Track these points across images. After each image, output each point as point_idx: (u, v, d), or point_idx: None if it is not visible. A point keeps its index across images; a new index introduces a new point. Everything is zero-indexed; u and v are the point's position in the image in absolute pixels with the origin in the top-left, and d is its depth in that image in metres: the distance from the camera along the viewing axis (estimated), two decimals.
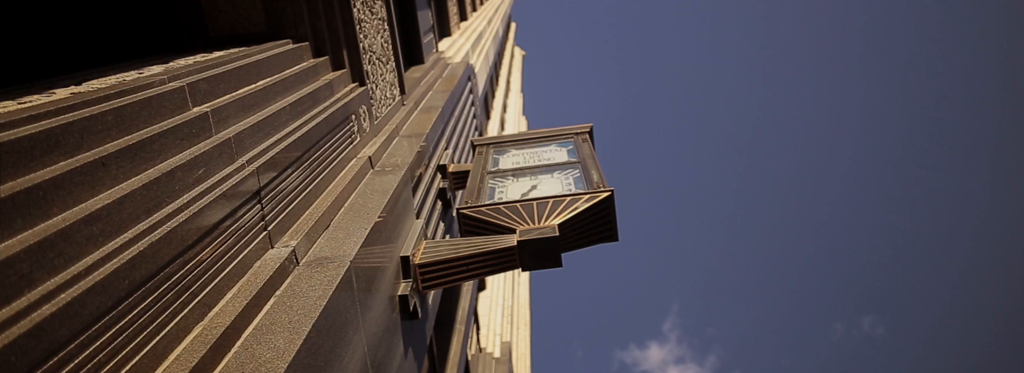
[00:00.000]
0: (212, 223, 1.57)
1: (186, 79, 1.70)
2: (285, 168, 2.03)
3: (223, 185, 1.66)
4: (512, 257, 2.82)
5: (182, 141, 1.59)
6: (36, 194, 1.15)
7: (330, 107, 2.57)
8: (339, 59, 2.95)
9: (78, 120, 1.31)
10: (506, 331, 7.01)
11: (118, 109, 1.43)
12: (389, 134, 3.28)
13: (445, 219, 3.68)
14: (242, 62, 2.03)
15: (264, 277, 1.67)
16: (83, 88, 1.49)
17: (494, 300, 7.47)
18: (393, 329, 2.29)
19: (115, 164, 1.36)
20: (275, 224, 1.90)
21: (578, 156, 3.92)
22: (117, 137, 1.40)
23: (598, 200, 3.13)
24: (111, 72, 1.70)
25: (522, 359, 7.66)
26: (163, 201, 1.44)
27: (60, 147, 1.26)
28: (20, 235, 1.09)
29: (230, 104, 1.85)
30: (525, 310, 9.17)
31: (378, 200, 2.46)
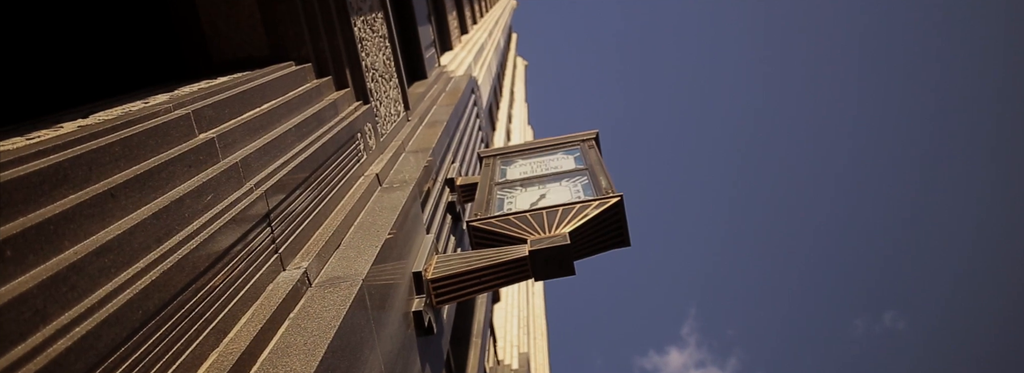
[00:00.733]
0: (223, 248, 1.57)
1: (191, 106, 1.70)
2: (293, 190, 2.03)
3: (232, 210, 1.66)
4: (524, 267, 2.81)
5: (190, 168, 1.60)
6: (47, 229, 1.15)
7: (335, 126, 2.58)
8: (342, 78, 2.96)
9: (86, 153, 1.32)
10: (523, 342, 6.97)
11: (125, 139, 1.44)
12: (395, 150, 3.28)
13: (456, 233, 3.68)
14: (246, 86, 2.04)
15: (277, 300, 1.67)
16: (90, 121, 1.50)
17: (509, 311, 7.44)
18: (409, 346, 2.28)
19: (124, 194, 1.36)
20: (286, 246, 1.90)
21: (585, 163, 3.90)
22: (125, 167, 1.41)
23: (608, 206, 3.11)
24: (117, 103, 1.71)
25: (541, 370, 7.62)
26: (173, 229, 1.45)
27: (69, 180, 1.26)
28: (33, 270, 1.09)
29: (236, 128, 1.86)
30: (541, 320, 9.13)
31: (387, 217, 2.46)
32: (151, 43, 2.34)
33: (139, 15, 2.33)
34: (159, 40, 2.34)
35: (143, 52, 2.35)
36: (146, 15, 2.33)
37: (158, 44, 2.34)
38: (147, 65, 2.34)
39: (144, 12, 2.33)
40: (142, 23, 2.34)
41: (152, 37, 2.34)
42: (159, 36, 2.33)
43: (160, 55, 2.34)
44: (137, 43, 2.35)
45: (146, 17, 2.33)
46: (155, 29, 2.34)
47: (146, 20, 2.33)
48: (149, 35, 2.35)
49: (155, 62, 2.34)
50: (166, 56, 2.33)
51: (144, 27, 2.34)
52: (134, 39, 2.35)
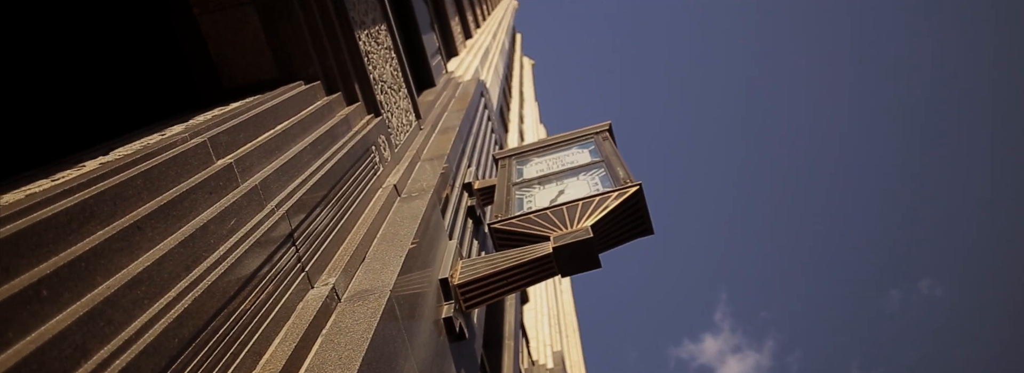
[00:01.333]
0: (251, 271, 1.59)
1: (207, 134, 1.72)
2: (314, 207, 2.05)
3: (256, 232, 1.68)
4: (550, 264, 2.80)
5: (211, 194, 1.62)
6: (79, 266, 1.17)
7: (349, 141, 2.60)
8: (352, 93, 2.98)
9: (109, 188, 1.34)
10: (556, 341, 6.97)
11: (146, 172, 1.46)
12: (411, 160, 3.29)
13: (478, 236, 3.68)
14: (258, 110, 2.06)
15: (308, 318, 1.68)
16: (111, 157, 1.52)
17: (539, 311, 7.43)
18: (442, 353, 2.29)
19: (150, 226, 1.38)
20: (312, 263, 1.91)
21: (601, 155, 3.88)
22: (148, 200, 1.43)
23: (627, 196, 3.09)
24: (135, 137, 1.73)
25: (576, 367, 7.60)
26: (201, 256, 1.47)
27: (96, 217, 1.28)
28: (69, 308, 1.11)
29: (252, 152, 1.88)
30: (571, 317, 9.12)
31: (409, 227, 2.47)
32: (162, 74, 2.38)
33: (149, 48, 2.37)
34: (170, 71, 2.37)
35: (155, 83, 2.38)
36: (155, 48, 2.36)
37: (169, 75, 2.37)
38: (160, 96, 2.37)
39: (153, 45, 2.36)
40: (152, 56, 2.37)
41: (163, 69, 2.37)
42: (170, 67, 2.37)
43: (172, 85, 2.37)
44: (149, 75, 2.38)
45: (155, 50, 2.37)
46: (165, 61, 2.37)
47: (156, 53, 2.37)
48: (160, 67, 2.38)
49: (168, 92, 2.37)
50: (178, 86, 2.36)
51: (154, 60, 2.38)
52: (145, 72, 2.39)
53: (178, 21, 2.25)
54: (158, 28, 2.32)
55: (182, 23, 2.26)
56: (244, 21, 2.40)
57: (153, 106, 2.33)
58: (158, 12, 2.30)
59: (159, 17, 2.30)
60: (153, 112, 2.26)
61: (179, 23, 2.25)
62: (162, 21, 2.30)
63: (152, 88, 2.38)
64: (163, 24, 2.30)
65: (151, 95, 2.38)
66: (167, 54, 2.35)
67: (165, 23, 2.29)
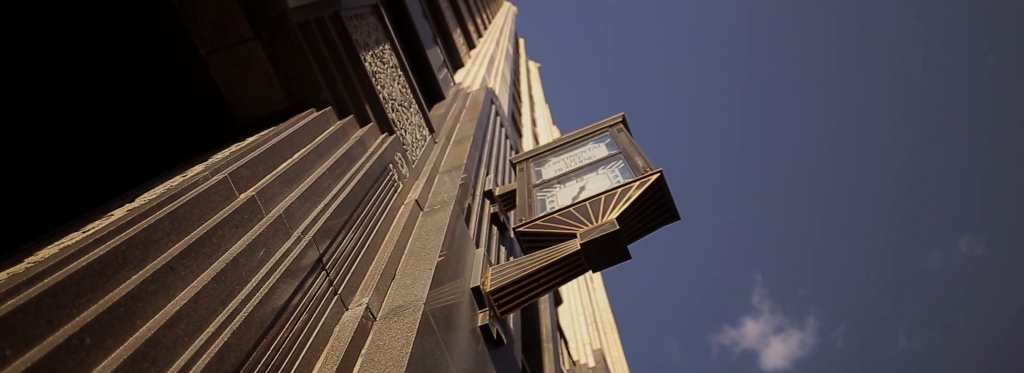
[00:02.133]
0: (285, 299, 1.61)
1: (226, 170, 1.75)
2: (339, 231, 2.07)
3: (285, 261, 1.70)
4: (579, 261, 2.79)
5: (237, 228, 1.64)
6: (118, 311, 1.19)
7: (366, 162, 2.62)
8: (363, 114, 3.00)
9: (138, 233, 1.36)
10: (594, 339, 6.94)
11: (172, 214, 1.48)
12: (429, 174, 3.31)
13: (505, 242, 3.68)
14: (274, 141, 2.08)
15: (346, 340, 1.70)
16: (137, 203, 1.55)
17: (574, 311, 7.41)
18: (483, 361, 2.29)
19: (182, 266, 1.40)
20: (344, 285, 1.93)
21: (617, 147, 3.84)
22: (177, 240, 1.45)
23: (649, 184, 3.07)
24: (158, 181, 1.76)
25: (618, 363, 7.56)
26: (234, 289, 1.48)
27: (129, 262, 1.31)
28: (113, 353, 1.13)
29: (272, 183, 1.90)
30: (607, 313, 9.07)
31: (435, 240, 2.48)
32: (176, 118, 2.42)
33: (160, 94, 2.41)
34: (183, 114, 2.41)
35: (170, 127, 2.42)
36: (166, 93, 2.40)
37: (183, 118, 2.41)
38: (177, 139, 2.41)
39: (164, 91, 2.40)
40: (164, 101, 2.41)
41: (176, 112, 2.41)
42: (183, 110, 2.41)
43: (187, 127, 2.41)
44: (163, 120, 2.42)
45: (167, 95, 2.41)
46: (178, 104, 2.41)
47: (167, 98, 2.41)
48: (173, 111, 2.42)
49: (184, 134, 2.41)
50: (193, 127, 2.40)
51: (167, 105, 2.42)
52: (159, 117, 2.43)
53: (185, 64, 2.29)
54: (166, 73, 2.36)
55: (190, 66, 2.30)
56: (251, 56, 2.43)
57: (171, 149, 2.37)
58: (165, 58, 2.34)
59: (166, 63, 2.34)
60: (172, 155, 2.30)
61: (187, 66, 2.29)
62: (169, 66, 2.34)
63: (168, 132, 2.42)
64: (171, 69, 2.34)
65: (168, 139, 2.42)
66: (178, 98, 2.39)
67: (173, 68, 2.33)
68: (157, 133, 2.41)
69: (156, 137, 2.41)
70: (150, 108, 2.40)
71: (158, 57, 2.34)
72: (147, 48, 2.34)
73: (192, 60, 2.29)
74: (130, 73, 2.39)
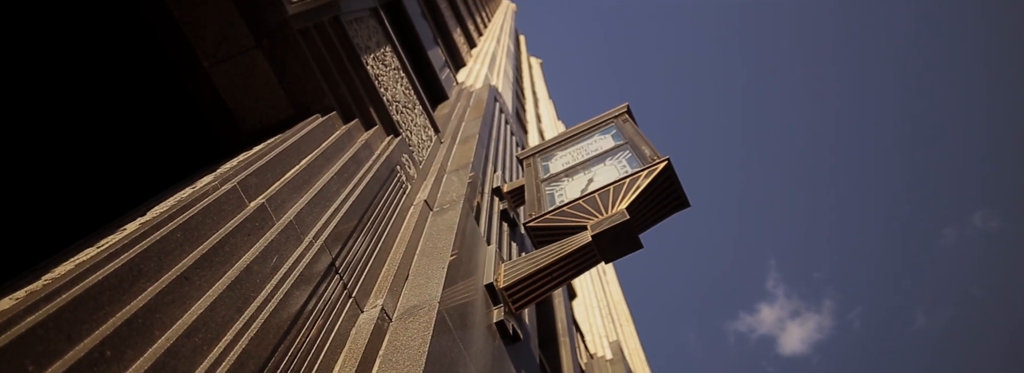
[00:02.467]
0: (300, 304, 1.61)
1: (235, 179, 1.75)
2: (350, 234, 2.07)
3: (299, 266, 1.70)
4: (591, 253, 2.78)
5: (249, 236, 1.64)
6: (136, 323, 1.20)
7: (374, 165, 2.62)
8: (368, 118, 3.00)
9: (152, 245, 1.37)
10: (610, 331, 6.93)
11: (184, 225, 1.49)
12: (437, 174, 3.31)
13: (516, 238, 3.68)
14: (280, 148, 2.09)
15: (363, 342, 1.70)
16: (149, 216, 1.56)
17: (588, 304, 7.40)
18: (500, 357, 2.29)
19: (196, 275, 1.41)
20: (358, 288, 1.93)
21: (623, 137, 3.82)
22: (191, 250, 1.46)
23: (657, 172, 3.05)
24: (169, 194, 1.77)
25: (635, 354, 7.55)
26: (250, 296, 1.49)
27: (144, 274, 1.31)
28: (134, 364, 1.13)
29: (282, 190, 1.91)
30: (622, 305, 9.06)
31: (446, 239, 2.48)
32: (183, 130, 2.43)
33: (165, 108, 2.42)
34: (190, 126, 2.42)
35: (177, 140, 2.43)
36: (172, 107, 2.41)
37: (190, 130, 2.42)
38: (184, 151, 2.42)
39: (169, 104, 2.41)
40: (170, 114, 2.42)
41: (183, 125, 2.42)
42: (189, 122, 2.41)
43: (194, 139, 2.42)
44: (170, 133, 2.43)
45: (172, 108, 2.41)
46: (184, 117, 2.42)
47: (173, 111, 2.42)
48: (179, 124, 2.43)
49: (191, 146, 2.42)
50: (200, 138, 2.41)
51: (173, 118, 2.43)
52: (166, 131, 2.44)
53: (189, 76, 2.30)
54: (171, 86, 2.37)
55: (194, 78, 2.31)
56: (253, 65, 2.44)
57: (180, 161, 2.38)
58: (169, 71, 2.35)
59: (170, 76, 2.35)
60: (181, 166, 2.31)
61: (191, 78, 2.30)
62: (173, 79, 2.35)
63: (175, 144, 2.44)
64: (175, 82, 2.35)
65: (176, 151, 2.43)
66: (184, 109, 2.40)
67: (177, 80, 2.34)
68: (164, 146, 2.42)
69: (164, 150, 2.42)
70: (157, 121, 2.41)
71: (162, 70, 2.35)
72: (151, 62, 2.35)
73: (196, 72, 2.30)
74: (135, 87, 2.40)
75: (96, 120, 2.40)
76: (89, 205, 2.35)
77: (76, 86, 2.37)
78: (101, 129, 2.40)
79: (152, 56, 2.32)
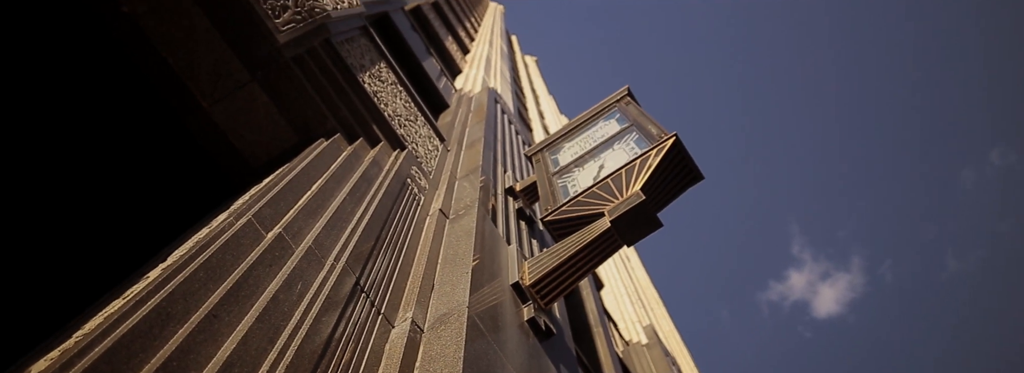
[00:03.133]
0: (331, 327, 1.60)
1: (249, 213, 1.75)
2: (371, 252, 2.06)
3: (324, 290, 1.69)
4: (612, 238, 2.75)
5: (271, 267, 1.64)
6: (171, 366, 1.19)
7: (384, 181, 2.61)
8: (372, 135, 2.99)
9: (177, 288, 1.36)
10: (642, 316, 6.88)
11: (205, 263, 1.48)
12: (448, 182, 3.29)
13: (535, 235, 3.66)
14: (290, 176, 2.08)
15: (399, 356, 1.69)
16: (169, 261, 1.55)
17: (617, 292, 7.36)
18: (536, 354, 2.27)
19: (224, 312, 1.40)
20: (386, 303, 1.92)
21: (628, 120, 3.77)
22: (215, 288, 1.45)
23: (667, 149, 3.01)
24: (186, 237, 1.77)
25: (670, 336, 7.50)
26: (279, 326, 1.48)
27: (173, 317, 1.31)
28: None
29: (297, 217, 1.90)
30: (650, 290, 9.01)
31: (466, 245, 2.47)
32: (192, 171, 2.43)
33: (171, 151, 2.42)
34: (197, 166, 2.42)
35: (188, 181, 2.43)
36: (177, 149, 2.41)
37: (198, 170, 2.42)
38: (197, 191, 2.43)
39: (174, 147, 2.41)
40: (176, 157, 2.42)
41: (190, 165, 2.42)
42: (196, 162, 2.41)
43: (204, 178, 2.42)
44: (180, 176, 2.44)
45: (177, 151, 2.42)
46: (190, 158, 2.42)
47: (178, 153, 2.42)
48: (186, 165, 2.43)
49: (202, 186, 2.42)
50: (210, 176, 2.41)
51: (179, 160, 2.43)
52: (176, 173, 2.44)
53: (191, 118, 2.30)
54: (173, 130, 2.38)
55: (195, 119, 2.31)
56: (251, 99, 2.43)
57: (193, 203, 2.38)
58: (169, 115, 2.35)
59: (171, 119, 2.35)
60: (196, 208, 2.32)
61: (193, 120, 2.30)
62: (174, 122, 2.35)
63: (187, 188, 2.44)
64: (176, 125, 2.35)
65: (188, 194, 2.43)
66: (190, 152, 2.40)
67: (178, 123, 2.34)
68: (176, 190, 2.43)
69: (176, 194, 2.43)
70: (165, 167, 2.42)
71: (163, 116, 2.35)
72: (151, 109, 2.35)
73: (197, 113, 2.30)
74: (140, 136, 2.40)
75: (107, 173, 2.41)
76: (111, 256, 2.36)
77: (83, 143, 2.38)
78: (114, 181, 2.41)
79: (151, 103, 2.33)
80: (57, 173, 2.37)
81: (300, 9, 2.75)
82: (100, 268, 2.31)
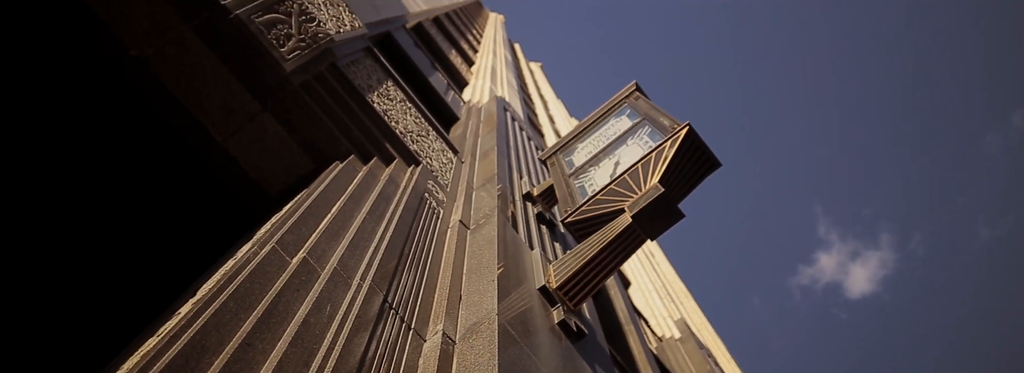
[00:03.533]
0: (363, 346, 1.60)
1: (272, 241, 1.75)
2: (396, 268, 2.06)
3: (353, 309, 1.69)
4: (635, 233, 2.72)
5: (298, 292, 1.64)
6: None
7: (402, 197, 2.61)
8: (386, 153, 3.00)
9: (209, 321, 1.37)
10: (672, 310, 6.81)
11: (233, 294, 1.49)
12: (465, 193, 3.29)
13: (557, 238, 3.64)
14: (309, 201, 2.09)
15: (433, 369, 1.68)
16: (199, 295, 1.56)
17: (644, 289, 7.29)
18: (570, 356, 2.25)
19: (258, 339, 1.41)
20: (415, 319, 1.92)
21: (639, 114, 3.72)
22: (246, 317, 1.46)
23: (681, 139, 2.97)
24: (213, 270, 1.78)
25: (703, 329, 7.41)
26: (313, 349, 1.48)
27: (207, 349, 1.31)
28: None
29: (319, 241, 1.90)
30: (677, 283, 8.91)
31: (489, 253, 2.46)
32: (213, 206, 2.44)
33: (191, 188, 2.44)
34: (218, 200, 2.43)
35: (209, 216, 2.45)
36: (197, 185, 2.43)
37: (219, 204, 2.43)
38: (218, 224, 2.44)
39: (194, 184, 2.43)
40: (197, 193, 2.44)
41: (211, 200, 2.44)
42: (217, 197, 2.43)
43: (225, 211, 2.43)
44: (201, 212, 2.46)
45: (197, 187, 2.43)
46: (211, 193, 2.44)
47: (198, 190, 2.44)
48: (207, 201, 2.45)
49: (223, 219, 2.44)
50: (230, 209, 2.42)
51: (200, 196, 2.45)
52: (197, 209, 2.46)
53: (207, 154, 2.32)
54: (193, 168, 2.40)
55: (212, 155, 2.33)
56: (264, 130, 2.45)
57: (217, 237, 2.40)
58: (187, 154, 2.37)
59: (190, 158, 2.38)
60: (220, 242, 2.33)
61: (209, 157, 2.32)
62: (194, 161, 2.37)
63: (208, 223, 2.46)
64: (196, 163, 2.38)
65: (210, 229, 2.45)
66: (209, 187, 2.42)
67: (198, 161, 2.36)
68: (198, 226, 2.45)
69: (199, 230, 2.45)
70: (186, 204, 2.44)
71: (181, 154, 2.38)
72: (168, 149, 2.37)
73: (212, 149, 2.32)
74: (160, 176, 2.43)
75: (132, 216, 2.44)
76: (141, 296, 2.38)
77: (104, 187, 2.42)
78: (139, 223, 2.44)
79: (167, 142, 2.35)
80: (82, 220, 2.41)
81: (304, 36, 2.77)
82: (132, 308, 2.34)
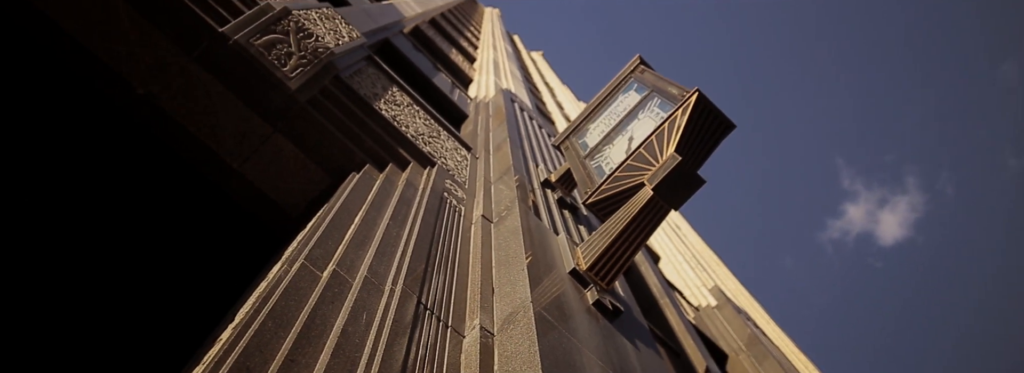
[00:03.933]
0: (404, 349, 1.60)
1: (301, 258, 1.76)
2: (425, 270, 2.06)
3: (389, 314, 1.70)
4: (658, 205, 2.69)
5: (333, 304, 1.65)
6: None
7: (422, 199, 2.61)
8: (400, 158, 3.00)
9: (250, 342, 1.38)
10: (705, 279, 6.75)
11: (271, 313, 1.50)
12: (484, 187, 3.28)
13: (580, 221, 3.62)
14: (331, 215, 2.10)
15: (476, 363, 1.68)
16: (237, 319, 1.58)
17: (675, 261, 7.24)
18: (609, 334, 2.24)
19: (300, 355, 1.42)
20: (451, 316, 1.92)
21: (647, 87, 3.67)
22: (286, 334, 1.47)
23: (692, 105, 2.92)
24: (247, 294, 1.80)
25: (739, 294, 7.33)
26: (355, 358, 1.49)
27: (252, 370, 1.33)
28: None
29: (346, 251, 1.91)
30: (707, 252, 8.81)
31: (515, 244, 2.45)
32: (237, 230, 2.47)
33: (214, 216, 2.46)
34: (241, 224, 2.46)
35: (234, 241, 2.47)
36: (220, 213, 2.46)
37: (242, 227, 2.46)
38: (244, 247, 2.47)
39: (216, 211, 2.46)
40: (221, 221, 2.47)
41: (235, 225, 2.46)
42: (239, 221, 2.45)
43: (248, 233, 2.46)
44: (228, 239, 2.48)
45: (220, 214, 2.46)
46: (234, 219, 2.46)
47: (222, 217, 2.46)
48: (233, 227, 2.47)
49: (248, 240, 2.46)
50: (256, 232, 2.45)
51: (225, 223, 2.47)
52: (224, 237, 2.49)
53: (225, 182, 2.35)
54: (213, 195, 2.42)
55: (229, 181, 2.35)
56: (278, 150, 2.47)
57: (245, 259, 2.42)
58: (205, 183, 2.39)
59: (209, 187, 2.40)
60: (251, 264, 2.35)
61: (227, 184, 2.35)
62: (213, 189, 2.40)
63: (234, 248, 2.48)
64: (215, 190, 2.40)
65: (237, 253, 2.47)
66: (232, 213, 2.45)
67: (216, 189, 2.38)
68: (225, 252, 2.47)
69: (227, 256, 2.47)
70: (211, 233, 2.47)
71: (198, 183, 2.40)
72: (186, 180, 2.40)
73: (229, 175, 2.34)
74: (185, 208, 2.46)
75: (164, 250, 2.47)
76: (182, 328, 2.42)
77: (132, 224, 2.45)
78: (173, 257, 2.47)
79: (186, 175, 2.38)
80: (122, 258, 2.45)
81: (304, 52, 2.78)
82: (172, 342, 2.38)
